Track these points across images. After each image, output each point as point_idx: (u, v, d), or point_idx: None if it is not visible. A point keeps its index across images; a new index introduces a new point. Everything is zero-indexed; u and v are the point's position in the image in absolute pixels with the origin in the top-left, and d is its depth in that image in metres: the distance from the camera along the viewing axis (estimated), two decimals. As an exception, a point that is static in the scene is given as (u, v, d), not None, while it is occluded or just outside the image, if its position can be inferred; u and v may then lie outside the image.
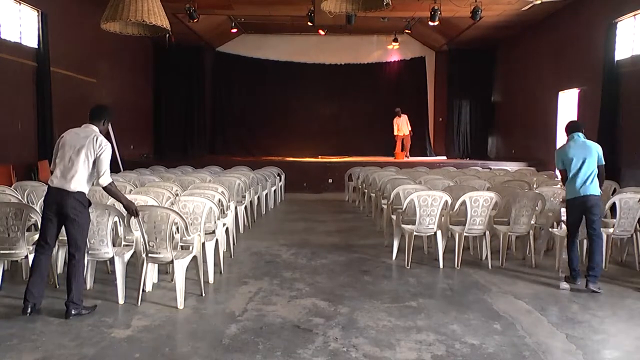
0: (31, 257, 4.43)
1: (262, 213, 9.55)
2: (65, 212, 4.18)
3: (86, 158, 4.24)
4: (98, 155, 4.25)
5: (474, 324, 4.16)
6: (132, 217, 4.48)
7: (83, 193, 4.26)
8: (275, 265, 6.00)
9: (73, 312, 4.16)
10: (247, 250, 6.71)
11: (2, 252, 4.63)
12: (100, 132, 4.44)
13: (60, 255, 5.33)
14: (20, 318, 4.12)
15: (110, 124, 4.86)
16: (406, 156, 15.36)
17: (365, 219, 9.29)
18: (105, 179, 4.31)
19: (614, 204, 5.84)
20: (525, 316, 4.34)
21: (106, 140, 4.38)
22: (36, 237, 4.59)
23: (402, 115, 15.41)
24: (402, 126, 15.39)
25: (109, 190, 4.38)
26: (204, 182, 7.49)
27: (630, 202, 5.76)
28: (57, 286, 4.92)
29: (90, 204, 4.38)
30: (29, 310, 4.15)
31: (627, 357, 3.63)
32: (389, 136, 16.62)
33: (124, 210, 4.52)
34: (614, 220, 5.89)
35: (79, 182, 4.21)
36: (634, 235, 5.93)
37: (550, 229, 6.21)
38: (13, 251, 4.61)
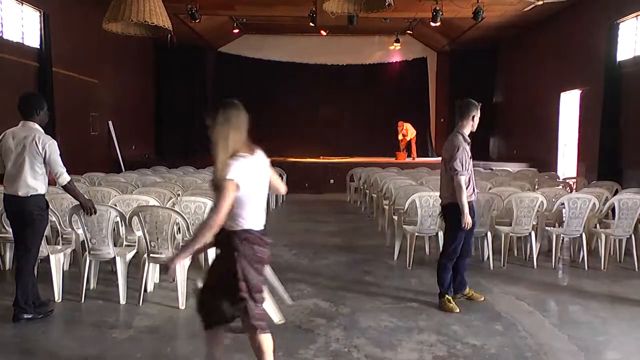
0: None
1: (263, 213, 9.53)
2: (22, 217, 4.04)
3: (30, 162, 4.00)
4: (46, 157, 4.03)
5: (475, 324, 4.15)
6: (89, 215, 4.34)
7: (38, 196, 4.07)
8: (277, 265, 5.96)
9: (24, 317, 4.02)
10: (249, 251, 6.70)
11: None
12: (41, 125, 4.19)
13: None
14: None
15: (112, 124, 4.81)
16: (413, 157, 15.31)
17: (367, 220, 9.29)
18: (63, 178, 4.12)
19: (613, 205, 5.85)
20: (526, 317, 4.34)
21: (48, 138, 4.10)
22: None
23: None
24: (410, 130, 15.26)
25: (67, 189, 4.20)
26: (205, 183, 7.49)
27: (629, 203, 5.76)
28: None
29: (48, 205, 4.22)
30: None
31: (629, 358, 3.62)
32: (390, 137, 16.64)
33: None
34: (614, 221, 5.90)
35: (29, 187, 4.01)
36: (633, 236, 5.93)
37: (546, 227, 6.21)
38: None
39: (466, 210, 4.32)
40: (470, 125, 4.58)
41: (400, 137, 15.13)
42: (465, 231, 4.42)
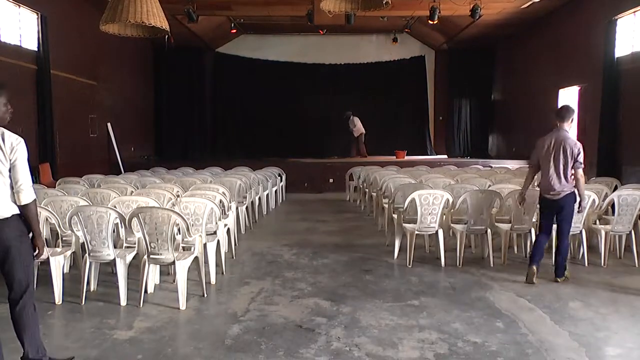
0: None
1: (263, 213, 9.55)
2: (3, 247, 3.05)
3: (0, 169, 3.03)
4: (13, 160, 3.03)
5: (476, 322, 4.15)
6: (36, 257, 3.24)
7: (19, 216, 3.12)
8: (277, 265, 6.00)
9: None
10: (249, 251, 6.71)
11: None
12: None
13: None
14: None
15: (111, 125, 4.61)
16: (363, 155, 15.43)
17: (367, 219, 9.29)
18: (27, 194, 3.06)
19: (613, 201, 5.85)
20: (527, 314, 4.34)
21: (16, 137, 3.09)
22: None
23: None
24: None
25: (29, 210, 3.09)
26: (205, 183, 7.49)
27: (628, 199, 5.77)
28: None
29: (29, 229, 3.20)
30: None
31: (630, 353, 3.62)
32: (390, 136, 16.67)
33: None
34: (613, 217, 5.91)
35: (7, 202, 3.05)
36: (633, 232, 5.93)
37: None
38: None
39: (585, 195, 5.29)
40: (570, 127, 5.30)
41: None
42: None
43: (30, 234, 3.20)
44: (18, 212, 3.10)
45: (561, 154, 5.10)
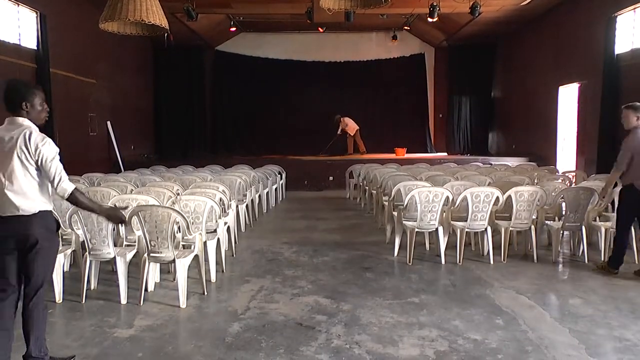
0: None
1: (263, 211, 9.55)
2: (30, 242, 3.09)
3: (23, 166, 3.08)
4: (40, 158, 3.09)
5: (476, 319, 4.16)
6: (122, 226, 3.46)
7: (48, 212, 3.20)
8: (277, 263, 6.01)
9: None
10: (249, 249, 6.72)
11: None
12: (33, 120, 3.31)
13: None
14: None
15: (111, 124, 4.63)
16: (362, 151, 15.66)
17: (367, 216, 9.29)
18: (65, 186, 3.13)
19: (612, 198, 5.86)
20: (527, 311, 4.34)
21: (42, 135, 3.20)
22: None
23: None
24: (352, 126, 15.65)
25: (76, 199, 3.18)
26: (204, 181, 7.49)
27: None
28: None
29: (59, 226, 3.36)
30: None
31: (630, 350, 3.63)
32: (390, 133, 16.67)
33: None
34: (613, 214, 5.91)
35: (33, 199, 3.11)
36: (632, 229, 5.92)
37: (546, 221, 6.22)
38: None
39: None
40: None
41: (339, 131, 15.51)
42: None
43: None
44: (45, 208, 3.18)
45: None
